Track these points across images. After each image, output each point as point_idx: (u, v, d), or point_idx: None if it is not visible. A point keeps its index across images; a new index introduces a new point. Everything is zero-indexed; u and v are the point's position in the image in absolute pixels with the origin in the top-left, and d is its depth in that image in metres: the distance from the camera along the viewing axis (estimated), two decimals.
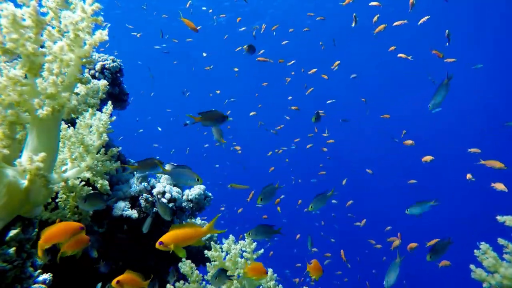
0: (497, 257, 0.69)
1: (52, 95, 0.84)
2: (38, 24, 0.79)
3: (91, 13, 0.85)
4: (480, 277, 0.69)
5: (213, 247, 1.36)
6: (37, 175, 0.84)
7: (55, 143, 0.94)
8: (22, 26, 0.78)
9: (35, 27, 0.79)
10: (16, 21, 0.76)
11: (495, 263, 0.67)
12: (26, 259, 1.01)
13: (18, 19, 0.77)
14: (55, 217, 1.24)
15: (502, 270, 0.65)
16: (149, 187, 1.90)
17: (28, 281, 0.98)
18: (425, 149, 6.73)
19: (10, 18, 0.76)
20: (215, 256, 1.34)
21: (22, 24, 0.78)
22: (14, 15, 0.76)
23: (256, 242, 1.42)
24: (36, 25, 0.79)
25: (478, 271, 0.71)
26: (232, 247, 1.35)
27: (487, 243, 0.72)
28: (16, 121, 0.87)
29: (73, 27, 0.83)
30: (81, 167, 1.20)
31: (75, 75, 0.88)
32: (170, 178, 1.53)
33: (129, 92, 2.37)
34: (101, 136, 1.26)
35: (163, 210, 1.59)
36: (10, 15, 0.75)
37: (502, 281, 0.65)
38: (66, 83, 0.86)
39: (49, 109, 0.83)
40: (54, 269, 1.14)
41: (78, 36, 0.84)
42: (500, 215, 0.79)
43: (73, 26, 0.83)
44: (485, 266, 0.70)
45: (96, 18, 0.86)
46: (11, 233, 0.98)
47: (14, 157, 0.90)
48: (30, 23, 0.79)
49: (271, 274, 1.37)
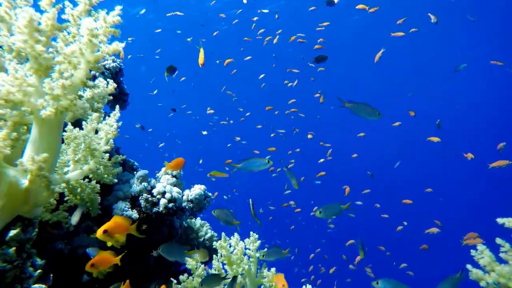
0: (493, 256, 0.70)
1: (56, 97, 0.85)
2: (52, 29, 0.81)
3: (111, 24, 0.87)
4: (477, 277, 0.70)
5: (223, 237, 1.40)
6: (38, 176, 0.85)
7: (57, 144, 0.95)
8: (36, 29, 0.79)
9: (48, 31, 0.81)
10: (32, 24, 0.78)
11: (490, 261, 0.68)
12: (26, 259, 1.01)
13: (34, 22, 0.78)
14: (56, 218, 1.25)
15: (498, 269, 0.66)
16: (149, 187, 1.91)
17: (28, 281, 0.98)
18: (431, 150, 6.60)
19: (27, 20, 0.77)
20: (224, 247, 1.36)
21: (37, 27, 0.79)
22: (31, 18, 0.77)
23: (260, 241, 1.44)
24: (50, 29, 0.81)
25: (475, 271, 0.72)
26: (239, 244, 1.40)
27: (484, 244, 0.72)
28: (20, 121, 0.88)
29: (88, 32, 0.85)
30: (84, 170, 1.21)
31: (82, 79, 0.89)
32: (245, 169, 1.57)
33: (129, 92, 2.38)
34: (108, 142, 1.27)
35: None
36: (27, 17, 0.77)
37: (499, 279, 0.66)
38: (72, 86, 0.87)
39: (53, 110, 0.84)
40: (54, 269, 1.14)
41: (91, 42, 0.86)
42: (500, 217, 0.80)
43: (88, 31, 0.85)
44: (481, 265, 0.71)
45: (114, 30, 0.88)
46: (11, 233, 0.98)
47: (16, 157, 0.90)
48: (44, 27, 0.80)
49: (273, 273, 1.38)
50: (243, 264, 1.30)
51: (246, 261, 1.32)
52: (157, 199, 1.86)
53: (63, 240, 1.56)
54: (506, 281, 0.64)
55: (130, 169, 2.17)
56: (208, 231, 2.28)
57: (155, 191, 1.88)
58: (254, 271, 1.35)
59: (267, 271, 1.38)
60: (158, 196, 1.87)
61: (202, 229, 2.27)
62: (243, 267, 1.29)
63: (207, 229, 2.29)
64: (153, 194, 1.87)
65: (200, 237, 2.23)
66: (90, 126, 1.28)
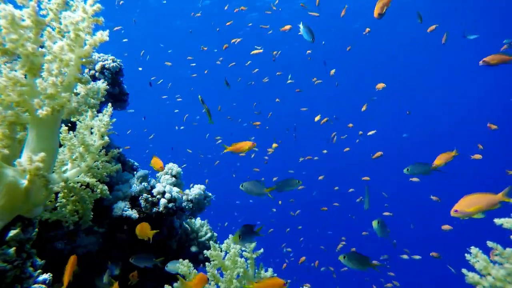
0: (488, 259, 0.70)
1: (51, 95, 0.84)
2: (38, 25, 0.80)
3: (92, 14, 0.86)
4: (474, 281, 0.70)
5: (212, 246, 1.37)
6: (37, 175, 0.85)
7: (55, 143, 0.95)
8: (21, 26, 0.78)
9: (34, 27, 0.80)
10: (15, 22, 0.77)
11: (486, 265, 0.68)
12: (26, 259, 1.01)
13: (17, 19, 0.77)
14: (55, 217, 1.25)
15: (493, 272, 0.66)
16: (149, 187, 1.91)
17: (28, 281, 0.98)
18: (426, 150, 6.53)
19: (9, 18, 0.76)
20: (214, 255, 1.35)
21: (21, 24, 0.78)
22: (13, 16, 0.76)
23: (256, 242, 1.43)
24: (36, 25, 0.80)
25: (471, 275, 0.72)
26: (232, 247, 1.36)
27: (477, 247, 0.73)
28: (16, 121, 0.88)
29: (73, 27, 0.84)
30: (82, 167, 1.21)
31: (75, 75, 0.88)
32: (280, 189, 1.62)
33: (129, 92, 2.38)
34: (103, 137, 1.27)
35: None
36: (8, 15, 0.76)
37: (495, 283, 0.66)
38: (65, 83, 0.87)
39: (49, 109, 0.84)
40: (54, 269, 1.15)
41: (79, 36, 0.85)
42: (498, 218, 0.80)
43: (73, 26, 0.84)
44: (477, 269, 0.71)
45: (97, 19, 0.87)
46: (11, 233, 0.99)
47: (14, 157, 0.90)
48: (29, 23, 0.79)
49: (271, 274, 1.38)
50: (238, 268, 1.29)
51: (241, 263, 1.31)
52: (157, 199, 1.86)
53: (63, 240, 1.56)
54: (503, 284, 0.64)
55: (130, 169, 2.18)
56: (208, 231, 2.28)
57: (155, 191, 1.88)
58: (252, 272, 1.35)
59: (264, 272, 1.38)
60: (158, 196, 1.87)
61: (202, 229, 2.27)
62: (238, 270, 1.28)
63: (207, 229, 2.29)
64: (153, 194, 1.88)
65: (200, 237, 2.23)
66: (83, 123, 1.29)
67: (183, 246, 2.17)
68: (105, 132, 1.27)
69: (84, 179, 1.31)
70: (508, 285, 0.64)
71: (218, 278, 1.31)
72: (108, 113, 1.30)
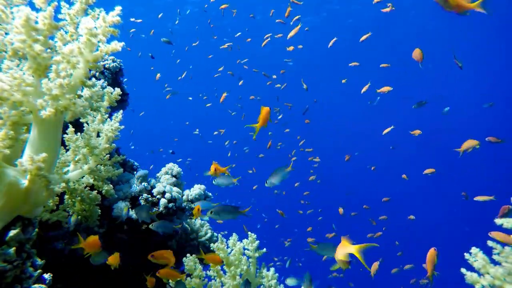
0: (487, 258, 0.71)
1: (56, 96, 0.85)
2: (50, 28, 0.81)
3: (110, 24, 0.88)
4: (472, 280, 0.71)
5: (220, 239, 1.41)
6: (37, 176, 0.85)
7: (56, 144, 0.95)
8: (33, 28, 0.79)
9: (46, 30, 0.81)
10: (29, 23, 0.78)
11: (484, 264, 0.69)
12: (26, 259, 1.02)
13: (31, 21, 0.78)
14: (55, 218, 1.25)
15: (492, 271, 0.67)
16: (149, 187, 1.91)
17: (28, 281, 0.99)
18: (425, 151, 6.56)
19: (23, 19, 0.77)
20: (221, 249, 1.37)
21: (34, 26, 0.79)
22: (28, 17, 0.77)
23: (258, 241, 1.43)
24: (48, 28, 0.81)
25: (469, 274, 0.72)
26: (237, 244, 1.41)
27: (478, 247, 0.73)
28: (19, 121, 0.88)
29: (87, 31, 0.85)
30: (84, 169, 1.21)
31: (81, 78, 0.89)
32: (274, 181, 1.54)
33: (129, 92, 2.38)
34: (109, 141, 1.28)
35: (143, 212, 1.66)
36: (24, 16, 0.77)
37: (494, 281, 0.66)
38: (71, 85, 0.87)
39: (52, 110, 0.84)
40: (54, 269, 1.15)
41: (90, 41, 0.86)
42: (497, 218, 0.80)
43: (87, 31, 0.85)
44: (476, 268, 0.71)
45: (113, 30, 0.89)
46: (11, 233, 0.99)
47: (16, 157, 0.91)
48: (41, 26, 0.80)
49: (273, 273, 1.38)
50: (242, 265, 1.30)
51: (244, 261, 1.32)
52: (157, 199, 1.87)
53: (63, 240, 1.56)
54: (501, 283, 0.65)
55: (130, 169, 2.18)
56: (208, 231, 2.28)
57: (155, 191, 1.88)
58: (254, 271, 1.36)
59: (266, 271, 1.38)
60: (158, 196, 1.87)
61: (202, 229, 2.27)
62: (242, 267, 1.29)
63: (207, 229, 2.29)
64: (153, 194, 1.88)
65: (200, 237, 2.23)
66: (91, 127, 1.29)
67: (183, 246, 2.17)
68: (112, 137, 1.28)
69: (88, 180, 1.31)
70: (507, 283, 0.64)
71: (221, 274, 1.32)
72: (118, 119, 1.31)
